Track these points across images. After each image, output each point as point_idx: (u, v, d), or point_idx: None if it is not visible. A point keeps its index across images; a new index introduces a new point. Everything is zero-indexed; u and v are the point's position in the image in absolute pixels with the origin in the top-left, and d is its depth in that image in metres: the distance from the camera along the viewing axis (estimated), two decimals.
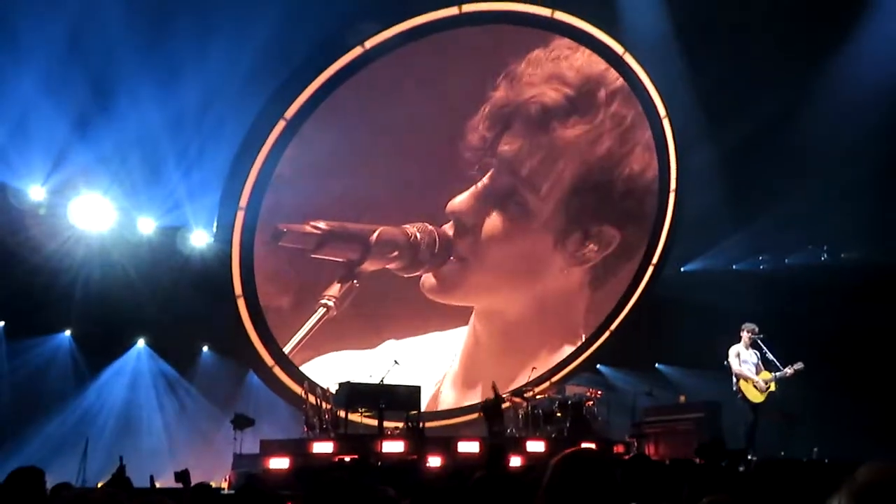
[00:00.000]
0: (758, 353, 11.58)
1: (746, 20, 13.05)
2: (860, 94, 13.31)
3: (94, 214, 11.81)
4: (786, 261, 16.75)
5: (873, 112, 13.44)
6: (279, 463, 10.05)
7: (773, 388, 11.46)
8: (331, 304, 13.19)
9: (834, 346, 13.39)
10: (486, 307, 14.58)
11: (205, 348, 13.50)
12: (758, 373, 11.47)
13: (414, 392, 11.78)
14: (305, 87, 12.42)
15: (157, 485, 7.24)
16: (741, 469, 5.80)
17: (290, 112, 12.44)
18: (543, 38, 13.75)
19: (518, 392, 13.07)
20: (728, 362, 11.56)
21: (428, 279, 13.82)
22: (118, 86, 10.90)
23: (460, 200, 13.78)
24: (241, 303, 12.75)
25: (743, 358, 11.50)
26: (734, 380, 11.49)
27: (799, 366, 11.38)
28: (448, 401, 14.44)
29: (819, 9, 12.99)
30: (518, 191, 14.01)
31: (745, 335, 11.59)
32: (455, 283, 13.96)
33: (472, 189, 13.80)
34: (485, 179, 13.78)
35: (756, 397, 11.40)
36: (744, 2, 12.78)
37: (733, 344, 11.65)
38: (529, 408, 12.66)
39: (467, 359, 14.52)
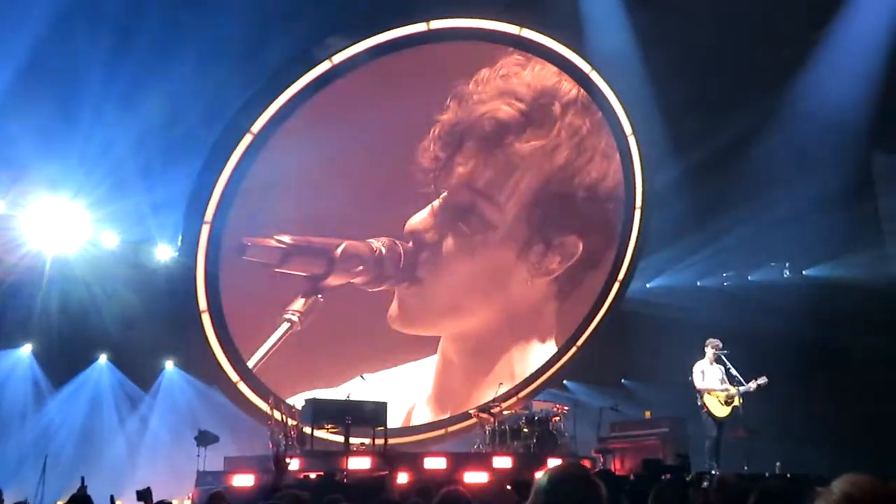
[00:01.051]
0: (722, 369, 11.69)
1: (711, 39, 13.27)
2: (824, 113, 13.60)
3: (56, 228, 11.64)
4: (749, 277, 16.98)
5: (836, 131, 13.73)
6: (243, 480, 9.92)
7: (737, 402, 11.56)
8: (295, 318, 13.09)
9: (796, 362, 13.57)
10: (454, 330, 14.58)
11: (168, 364, 13.33)
12: (722, 388, 11.59)
13: (380, 408, 11.72)
14: (273, 100, 12.38)
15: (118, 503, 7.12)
16: (705, 485, 5.84)
17: (257, 126, 12.39)
18: (491, 57, 13.83)
19: (485, 408, 13.06)
20: (692, 378, 11.67)
21: (394, 310, 13.80)
22: (82, 99, 10.78)
23: (419, 219, 13.78)
24: (205, 318, 12.60)
25: (707, 374, 11.62)
26: (698, 395, 11.59)
27: (763, 380, 11.49)
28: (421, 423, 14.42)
29: (783, 29, 13.24)
30: (477, 204, 14.03)
31: (709, 351, 11.71)
32: (421, 309, 13.93)
33: (429, 207, 13.80)
34: (442, 197, 13.80)
35: (721, 412, 11.50)
36: (708, 22, 12.97)
37: (698, 360, 11.76)
38: (496, 423, 12.65)
39: (439, 381, 14.49)
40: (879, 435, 12.30)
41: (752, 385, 11.48)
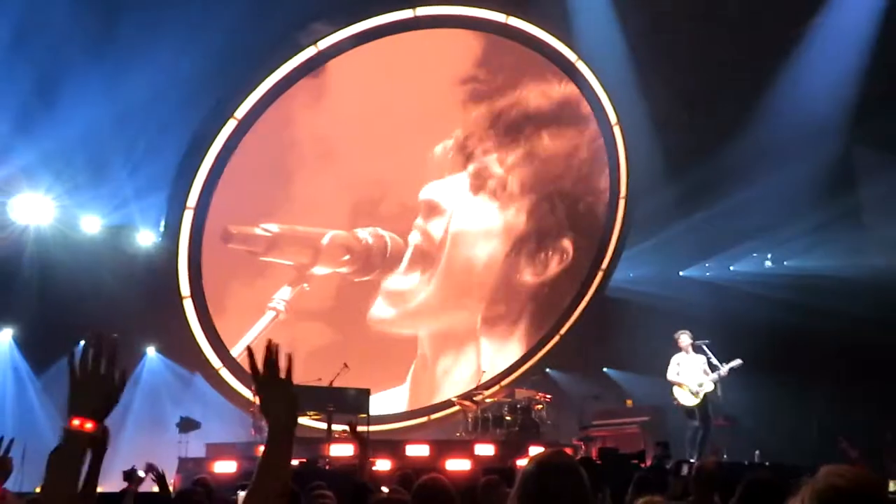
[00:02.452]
0: (703, 359, 11.67)
1: (697, 33, 13.30)
2: (806, 105, 13.69)
3: (36, 213, 11.54)
4: (731, 268, 17.09)
5: (817, 123, 13.83)
6: (226, 466, 9.93)
7: (708, 390, 11.57)
8: (280, 307, 13.08)
9: (776, 352, 13.70)
10: (437, 326, 14.61)
11: (150, 350, 13.28)
12: (700, 376, 11.60)
13: (363, 395, 11.73)
14: (257, 86, 12.32)
15: (98, 489, 7.07)
16: (684, 473, 5.89)
17: (241, 111, 12.32)
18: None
19: (467, 396, 13.11)
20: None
21: (379, 308, 13.84)
22: (63, 82, 10.66)
23: (434, 189, 14.08)
24: (188, 304, 12.56)
25: (684, 365, 11.58)
26: (672, 389, 11.63)
27: (736, 363, 11.46)
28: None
29: (766, 23, 13.28)
30: (490, 188, 14.25)
31: (682, 340, 11.68)
32: (406, 303, 14.02)
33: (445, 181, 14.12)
34: (460, 175, 14.12)
35: (690, 401, 11.47)
36: (693, 15, 12.99)
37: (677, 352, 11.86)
38: (479, 411, 12.70)
39: (418, 375, 14.53)
40: (859, 427, 12.44)
41: (724, 370, 11.43)
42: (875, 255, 15.71)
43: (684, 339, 11.63)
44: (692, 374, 11.48)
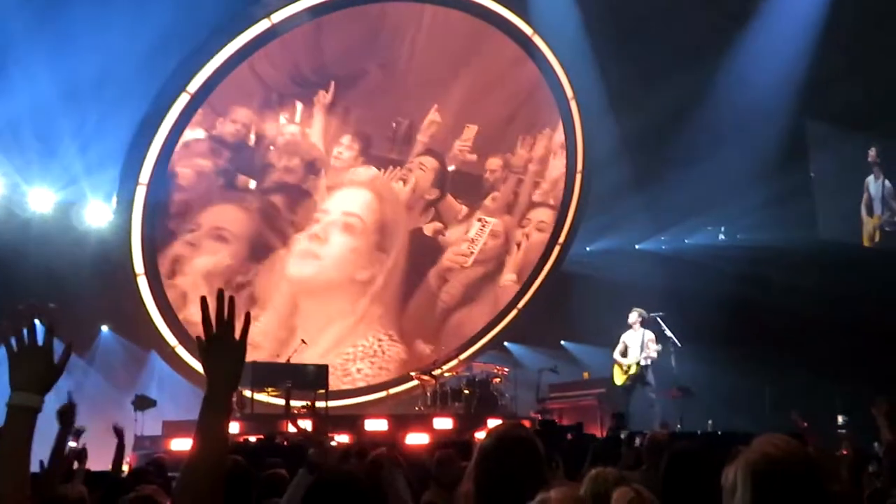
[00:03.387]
0: (643, 333, 12.16)
1: (650, 7, 13.35)
2: (758, 80, 13.87)
3: None
4: (685, 241, 17.32)
5: (770, 98, 14.03)
6: (182, 444, 9.85)
7: (633, 370, 12.14)
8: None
9: (729, 324, 13.95)
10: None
11: (104, 328, 13.08)
12: (626, 356, 12.19)
13: (321, 371, 11.73)
14: (210, 59, 12.10)
15: None
16: (637, 444, 6.00)
17: (194, 85, 12.10)
18: None
19: (426, 370, 13.16)
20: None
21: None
22: (11, 54, 10.37)
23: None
24: (142, 281, 12.39)
25: (627, 343, 12.18)
26: None
27: (660, 347, 12.20)
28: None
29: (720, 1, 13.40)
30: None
31: (632, 316, 12.24)
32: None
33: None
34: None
35: (619, 379, 12.16)
36: None
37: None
38: (438, 385, 12.77)
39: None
40: (809, 396, 12.75)
41: (654, 353, 12.07)
42: (825, 228, 16.06)
43: (633, 315, 12.17)
44: (633, 351, 12.12)
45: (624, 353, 12.38)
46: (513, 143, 15.10)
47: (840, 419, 10.00)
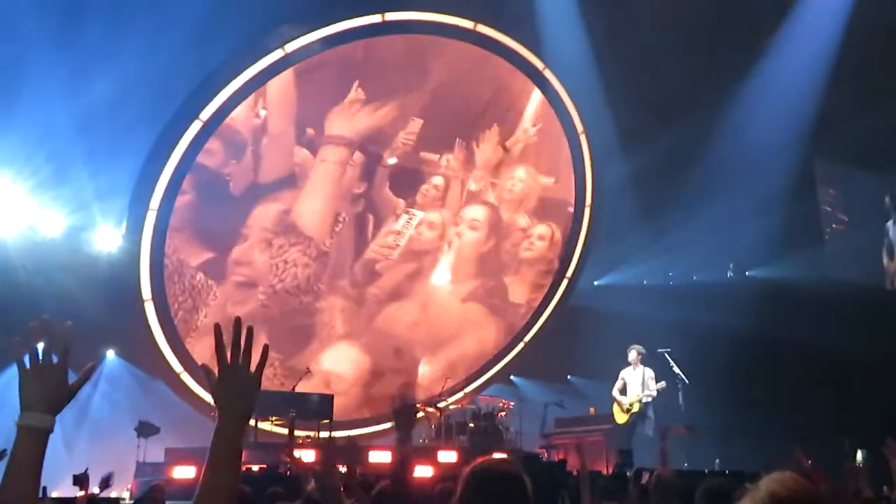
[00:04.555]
0: (644, 372, 12.11)
1: (661, 42, 13.44)
2: (768, 117, 13.91)
3: None
4: (693, 277, 17.26)
5: (779, 134, 14.05)
6: (184, 472, 9.78)
7: (635, 409, 12.06)
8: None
9: (737, 360, 13.86)
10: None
11: (110, 353, 13.07)
12: (626, 394, 12.10)
13: (326, 400, 11.67)
14: (223, 88, 12.21)
15: (53, 495, 6.95)
16: (643, 481, 5.93)
17: (207, 113, 12.20)
18: None
19: (431, 402, 13.08)
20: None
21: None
22: (25, 80, 10.48)
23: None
24: (149, 307, 12.40)
25: (628, 381, 12.12)
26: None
27: (661, 385, 11.96)
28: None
29: (731, 34, 13.46)
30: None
31: (631, 355, 12.21)
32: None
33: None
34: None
35: (620, 418, 12.08)
36: (659, 24, 13.13)
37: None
38: (442, 418, 12.68)
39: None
40: (818, 432, 12.62)
41: (654, 390, 12.00)
42: (834, 266, 16.00)
43: (632, 354, 12.15)
44: (633, 389, 12.04)
45: (623, 391, 12.41)
46: (467, 138, 14.70)
47: (859, 455, 9.91)
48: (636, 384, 12.15)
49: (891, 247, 16.53)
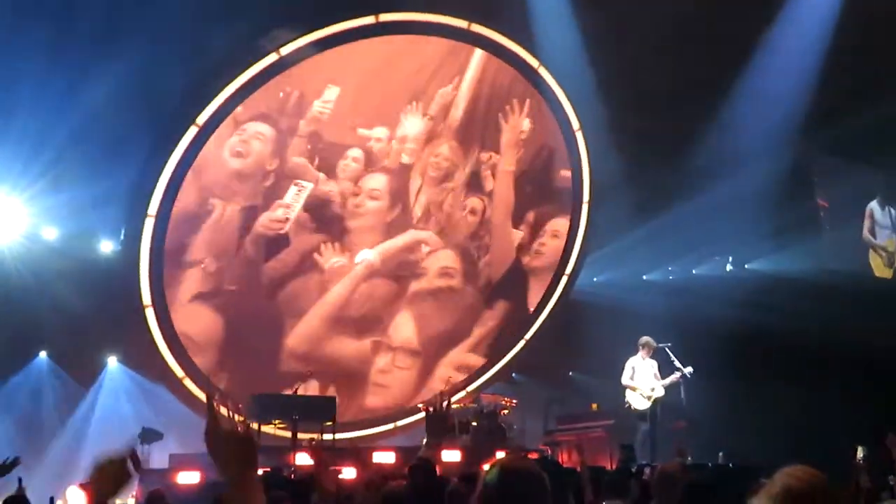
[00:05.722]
0: (655, 364, 12.07)
1: (659, 37, 13.44)
2: (764, 108, 13.92)
3: None
4: (693, 271, 17.29)
5: (776, 127, 14.07)
6: (189, 477, 9.78)
7: (659, 394, 11.97)
8: None
9: (738, 353, 13.88)
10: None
11: (111, 360, 13.08)
12: (652, 381, 11.99)
13: (329, 403, 11.67)
14: (218, 92, 12.21)
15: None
16: (644, 477, 5.94)
17: (203, 118, 12.20)
18: None
19: (432, 402, 13.07)
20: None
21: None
22: (19, 88, 10.48)
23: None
24: (149, 312, 12.39)
25: (638, 370, 12.03)
26: (625, 392, 12.01)
27: (688, 370, 11.85)
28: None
29: (725, 29, 13.47)
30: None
31: (641, 349, 12.14)
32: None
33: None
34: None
35: (642, 404, 11.95)
36: (652, 20, 13.14)
37: (632, 356, 12.15)
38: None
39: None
40: (819, 425, 12.63)
41: (677, 376, 11.87)
42: (833, 258, 16.03)
43: (644, 344, 12.06)
44: (645, 379, 11.95)
45: (632, 379, 12.22)
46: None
47: (860, 452, 9.88)
48: (648, 374, 12.07)
49: (872, 227, 16.61)
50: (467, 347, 15.03)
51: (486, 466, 2.44)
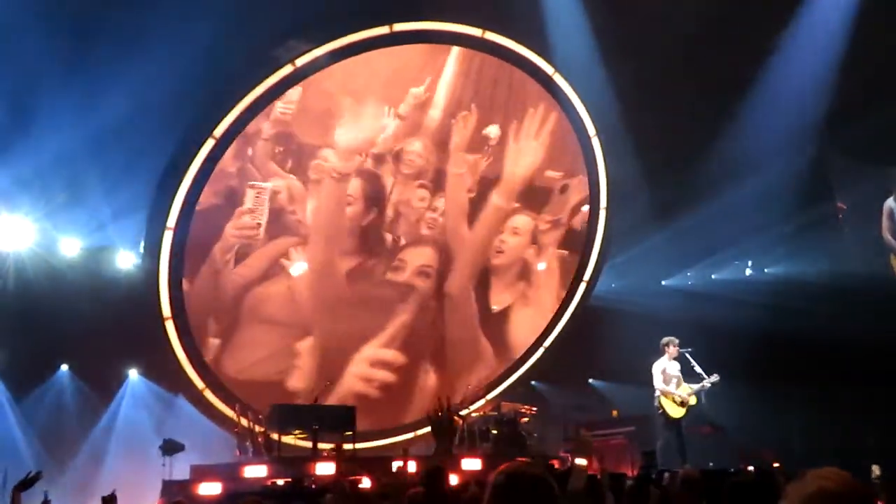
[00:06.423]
0: (679, 367, 11.85)
1: (675, 42, 13.40)
2: (781, 111, 13.83)
3: (13, 237, 11.44)
4: (712, 276, 17.19)
5: (795, 132, 13.98)
6: (210, 488, 9.81)
7: (693, 402, 11.66)
8: None
9: (758, 358, 13.76)
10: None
11: (132, 372, 13.17)
12: (678, 386, 11.68)
13: (348, 412, 11.68)
14: (235, 104, 12.29)
15: None
16: (665, 482, 5.91)
17: (220, 130, 12.28)
18: None
19: (453, 410, 13.05)
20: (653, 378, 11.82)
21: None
22: (38, 104, 10.59)
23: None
24: (169, 325, 12.46)
25: (669, 372, 11.71)
26: (656, 395, 11.66)
27: (715, 378, 11.60)
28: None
29: (742, 32, 13.40)
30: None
31: (667, 349, 11.82)
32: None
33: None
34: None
35: (677, 412, 11.59)
36: (668, 25, 13.10)
37: (657, 359, 11.90)
38: (465, 426, 12.66)
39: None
40: (842, 429, 12.51)
41: (707, 383, 11.61)
42: (852, 260, 15.86)
43: (670, 346, 11.78)
44: (677, 382, 11.70)
45: (666, 383, 11.89)
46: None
47: (876, 470, 9.71)
48: (678, 376, 11.75)
49: (892, 228, 16.35)
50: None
51: (493, 473, 2.44)
